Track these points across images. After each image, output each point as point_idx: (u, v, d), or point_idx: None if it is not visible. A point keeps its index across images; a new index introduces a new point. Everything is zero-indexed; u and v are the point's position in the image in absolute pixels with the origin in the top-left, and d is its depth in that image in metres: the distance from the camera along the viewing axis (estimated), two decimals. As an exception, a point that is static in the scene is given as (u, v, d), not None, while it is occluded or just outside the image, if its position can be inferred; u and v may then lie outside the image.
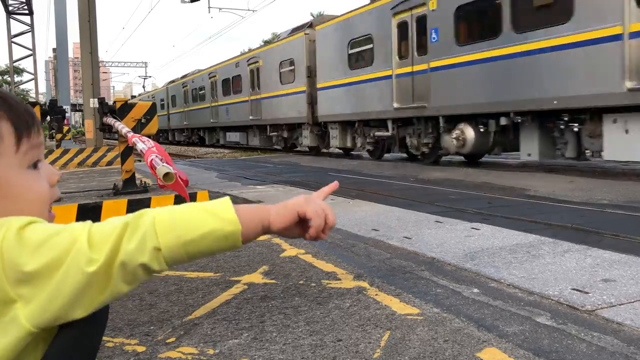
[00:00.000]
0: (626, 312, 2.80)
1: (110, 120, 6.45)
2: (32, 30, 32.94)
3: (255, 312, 3.02)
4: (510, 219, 5.52)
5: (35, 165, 0.88)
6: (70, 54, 27.33)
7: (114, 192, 6.71)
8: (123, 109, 6.62)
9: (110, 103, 6.92)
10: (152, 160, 3.29)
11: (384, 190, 8.11)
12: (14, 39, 32.63)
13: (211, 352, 2.51)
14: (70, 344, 0.81)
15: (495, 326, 2.69)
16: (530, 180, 8.67)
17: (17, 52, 33.53)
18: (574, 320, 2.72)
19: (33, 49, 33.51)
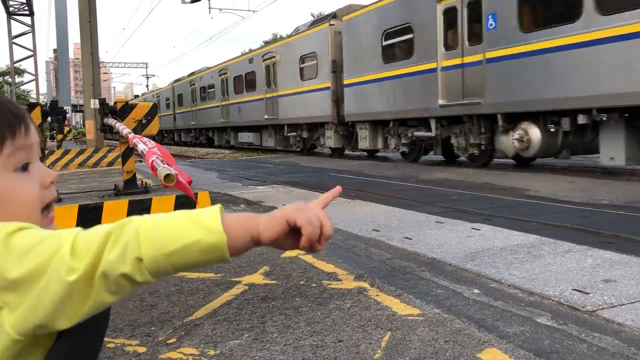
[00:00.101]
0: (627, 312, 2.80)
1: (111, 121, 6.46)
2: (33, 31, 32.96)
3: (256, 312, 3.02)
4: (510, 219, 5.53)
5: (25, 168, 0.85)
6: (71, 55, 27.34)
7: (115, 193, 6.72)
8: (124, 110, 6.63)
9: (111, 104, 6.93)
10: (152, 161, 3.30)
11: (384, 191, 8.12)
12: (15, 40, 32.65)
13: (212, 352, 2.51)
14: (71, 346, 0.81)
15: (496, 327, 2.69)
16: (531, 181, 8.67)
17: (18, 53, 33.56)
18: (575, 321, 2.73)
19: (34, 50, 33.53)
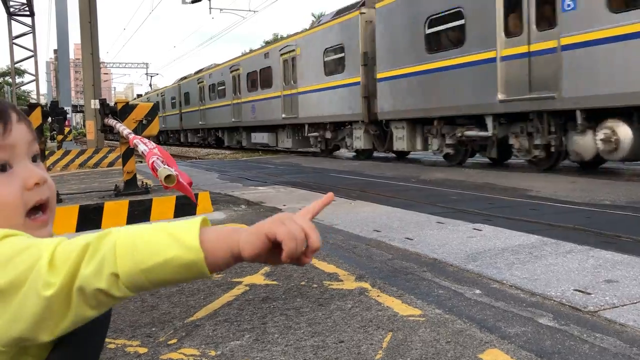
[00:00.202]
0: (629, 313, 2.79)
1: (111, 121, 6.46)
2: (34, 32, 32.98)
3: (257, 313, 3.01)
4: (512, 219, 5.52)
5: (3, 169, 0.82)
6: (72, 55, 27.33)
7: (116, 194, 6.72)
8: (124, 111, 6.63)
9: (112, 104, 6.93)
10: (153, 162, 3.29)
11: (385, 191, 8.11)
12: (15, 40, 32.67)
13: (213, 353, 2.51)
14: (73, 347, 0.80)
15: (497, 327, 2.68)
16: (532, 181, 8.66)
17: (19, 54, 33.57)
18: (577, 321, 2.72)
19: (34, 50, 33.55)
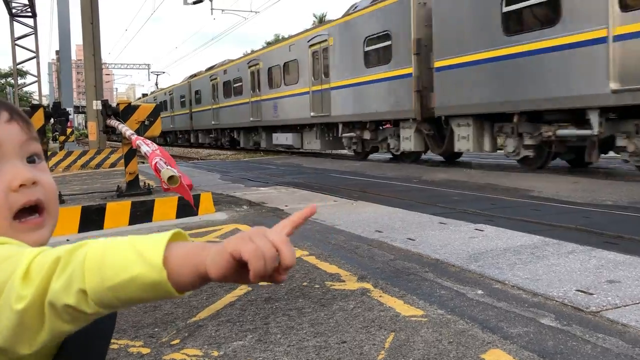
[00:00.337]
0: (631, 313, 2.79)
1: (113, 122, 6.47)
2: (36, 33, 33.02)
3: (259, 313, 3.02)
4: (514, 220, 5.52)
5: None
6: (73, 56, 27.37)
7: (118, 194, 6.73)
8: (126, 111, 6.64)
9: (114, 105, 6.95)
10: (156, 163, 3.30)
11: (387, 192, 8.11)
12: (18, 42, 32.72)
13: (215, 354, 2.51)
14: (78, 349, 0.80)
15: (499, 327, 2.68)
16: (534, 181, 8.65)
17: (21, 55, 33.49)
18: (579, 322, 2.72)
19: (36, 52, 33.60)
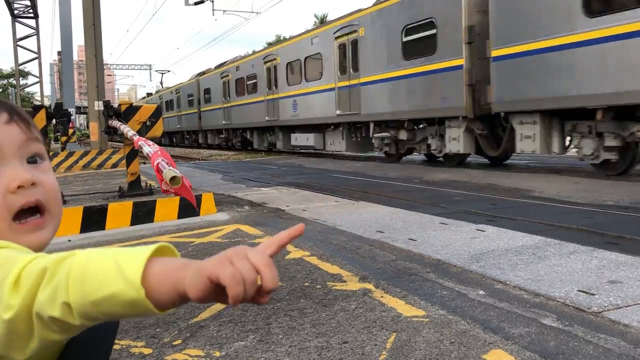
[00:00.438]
0: (633, 313, 2.79)
1: (115, 123, 6.48)
2: (38, 34, 33.08)
3: (260, 314, 3.02)
4: (515, 220, 5.52)
5: None
6: (75, 57, 27.40)
7: (120, 195, 6.74)
8: (128, 112, 6.66)
9: (115, 106, 6.95)
10: (158, 163, 3.30)
11: (388, 192, 8.11)
12: (20, 42, 32.78)
13: (217, 354, 2.52)
14: (82, 350, 0.80)
15: (501, 328, 2.68)
16: (535, 182, 8.65)
17: (23, 55, 33.53)
18: (581, 322, 2.72)
19: (38, 52, 33.65)
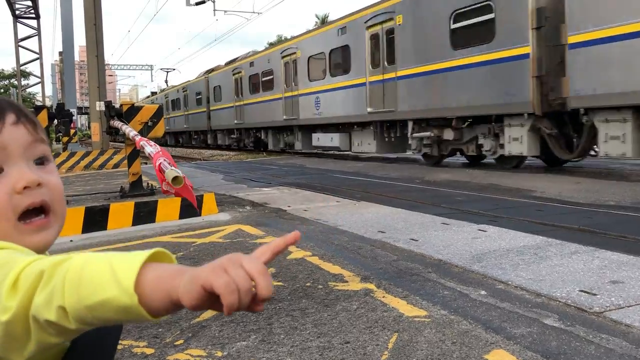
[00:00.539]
0: (635, 313, 2.79)
1: (117, 123, 6.49)
2: (39, 34, 33.14)
3: (262, 314, 3.02)
4: (517, 220, 5.52)
5: None
6: (77, 58, 27.41)
7: (121, 195, 6.75)
8: (130, 112, 6.66)
9: (117, 106, 6.96)
10: (160, 164, 3.31)
11: (389, 192, 8.11)
12: (21, 43, 32.83)
13: (219, 354, 2.52)
14: (87, 351, 0.80)
15: (502, 328, 2.68)
16: (537, 182, 8.64)
17: (24, 56, 33.57)
18: (582, 322, 2.72)
19: (40, 53, 33.69)
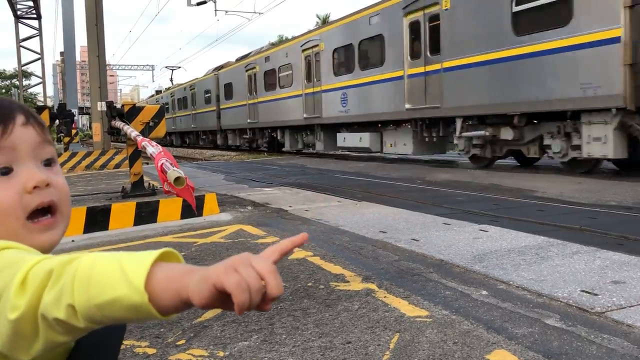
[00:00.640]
0: (636, 314, 2.79)
1: (118, 123, 6.49)
2: (40, 34, 33.20)
3: (264, 314, 3.03)
4: (518, 220, 5.51)
5: (5, 172, 0.80)
6: (78, 58, 27.45)
7: (123, 195, 6.76)
8: (131, 113, 6.67)
9: (118, 106, 6.97)
10: (162, 164, 3.31)
11: (391, 192, 8.11)
12: (23, 43, 32.90)
13: (221, 354, 2.52)
14: (91, 351, 0.80)
15: (504, 328, 2.69)
16: (538, 182, 8.64)
17: (26, 56, 33.71)
18: (584, 322, 2.72)
19: (41, 53, 33.75)
